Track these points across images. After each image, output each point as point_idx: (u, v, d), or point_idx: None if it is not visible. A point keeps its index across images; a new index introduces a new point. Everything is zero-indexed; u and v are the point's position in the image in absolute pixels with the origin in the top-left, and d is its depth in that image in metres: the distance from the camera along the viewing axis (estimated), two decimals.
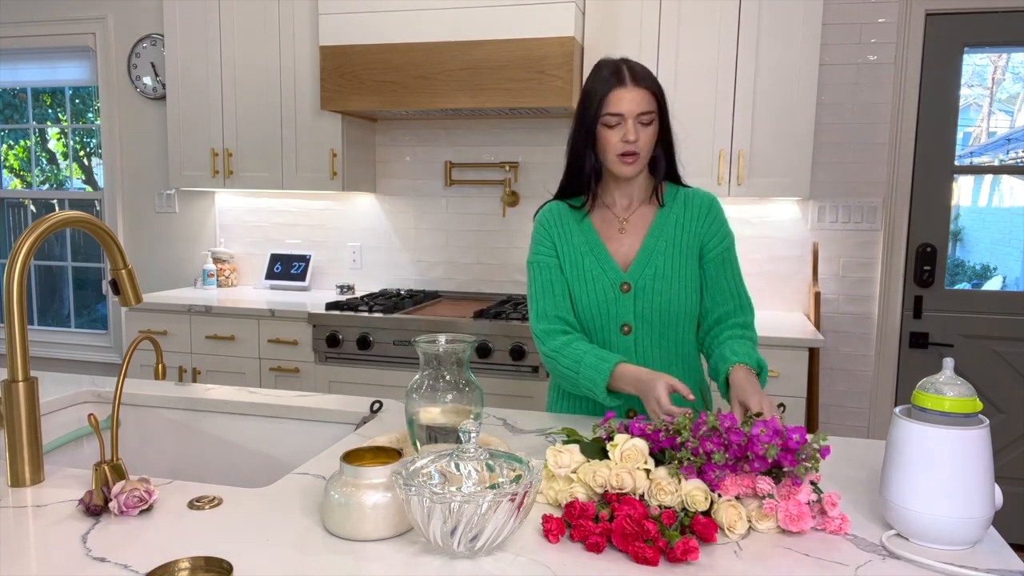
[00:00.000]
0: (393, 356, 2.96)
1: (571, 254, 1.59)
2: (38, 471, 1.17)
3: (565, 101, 2.82)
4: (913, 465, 0.98)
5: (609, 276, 1.56)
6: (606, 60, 1.54)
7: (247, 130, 3.36)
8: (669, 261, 1.55)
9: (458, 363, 1.23)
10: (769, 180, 2.87)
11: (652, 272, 1.54)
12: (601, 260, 1.57)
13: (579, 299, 1.58)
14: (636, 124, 1.48)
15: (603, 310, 1.56)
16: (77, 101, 4.13)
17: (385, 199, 3.62)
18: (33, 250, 1.15)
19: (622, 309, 1.55)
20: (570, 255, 1.60)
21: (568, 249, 1.60)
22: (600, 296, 1.56)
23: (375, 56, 2.99)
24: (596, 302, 1.56)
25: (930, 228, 3.10)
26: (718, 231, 1.58)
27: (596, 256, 1.57)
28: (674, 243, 1.56)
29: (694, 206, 1.58)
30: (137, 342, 1.20)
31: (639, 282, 1.54)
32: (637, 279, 1.55)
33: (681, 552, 0.92)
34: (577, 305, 1.59)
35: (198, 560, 0.90)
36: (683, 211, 1.58)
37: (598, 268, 1.57)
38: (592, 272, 1.57)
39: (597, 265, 1.57)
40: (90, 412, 1.32)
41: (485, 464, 0.97)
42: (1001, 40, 3.00)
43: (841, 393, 3.19)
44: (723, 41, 2.84)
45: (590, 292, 1.57)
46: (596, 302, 1.56)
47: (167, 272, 3.94)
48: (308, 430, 1.60)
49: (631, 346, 1.57)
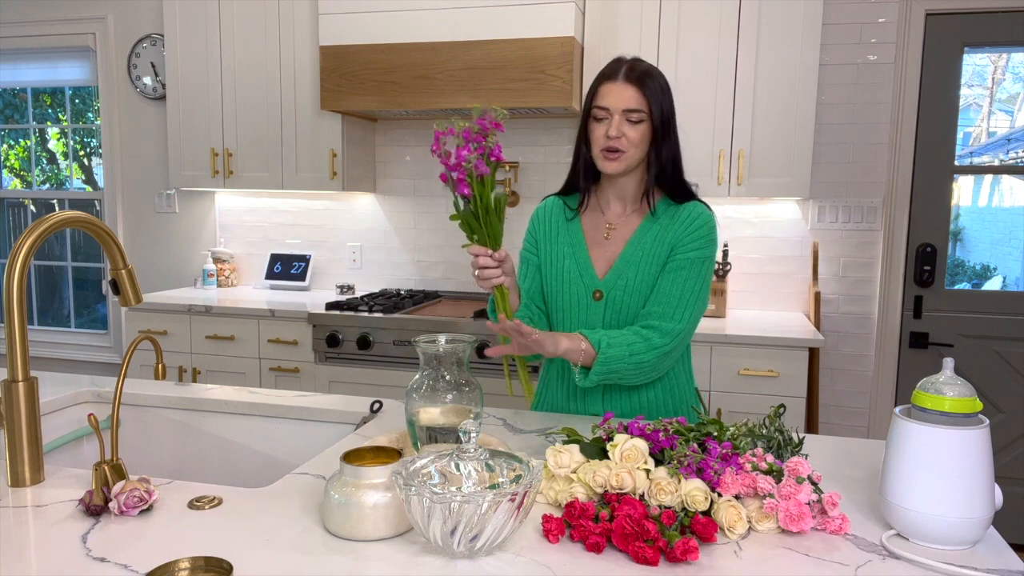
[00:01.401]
0: (393, 356, 2.96)
1: (553, 254, 1.59)
2: (38, 471, 1.17)
3: (565, 101, 2.82)
4: (913, 465, 0.98)
5: (585, 282, 1.55)
6: (617, 57, 1.52)
7: (247, 130, 3.36)
8: (641, 272, 1.51)
9: (458, 363, 1.23)
10: (769, 180, 2.87)
11: (624, 282, 1.52)
12: (581, 265, 1.56)
13: (553, 300, 1.58)
14: (622, 120, 1.45)
15: (575, 315, 1.56)
16: (77, 101, 4.13)
17: (385, 199, 3.62)
18: (33, 250, 1.14)
19: (592, 316, 1.54)
20: (552, 255, 1.59)
21: (552, 249, 1.60)
22: (573, 300, 1.56)
23: (375, 56, 2.99)
24: (569, 305, 1.56)
25: (930, 228, 3.10)
26: (694, 241, 1.49)
27: (577, 260, 1.57)
28: (650, 253, 1.51)
29: (681, 218, 1.51)
30: (137, 342, 1.20)
31: (611, 292, 1.53)
32: (610, 288, 1.53)
33: (681, 552, 0.92)
34: (552, 306, 1.59)
35: (198, 560, 0.90)
36: (669, 222, 1.52)
37: (576, 272, 1.56)
38: (570, 275, 1.56)
39: (576, 269, 1.56)
40: (90, 412, 1.32)
41: (485, 464, 0.97)
42: (1001, 40, 3.00)
43: (841, 393, 3.19)
44: (723, 41, 2.84)
45: (564, 295, 1.56)
46: (569, 305, 1.56)
47: (167, 272, 3.94)
48: (308, 430, 1.60)
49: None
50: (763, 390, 2.70)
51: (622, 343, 1.42)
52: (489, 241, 1.39)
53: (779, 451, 1.17)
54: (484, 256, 1.38)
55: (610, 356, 1.41)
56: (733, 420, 1.58)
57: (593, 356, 1.41)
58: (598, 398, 1.58)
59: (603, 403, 1.58)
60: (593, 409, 1.59)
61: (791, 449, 1.18)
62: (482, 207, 1.35)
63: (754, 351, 2.69)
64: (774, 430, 1.19)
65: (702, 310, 1.51)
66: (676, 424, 1.19)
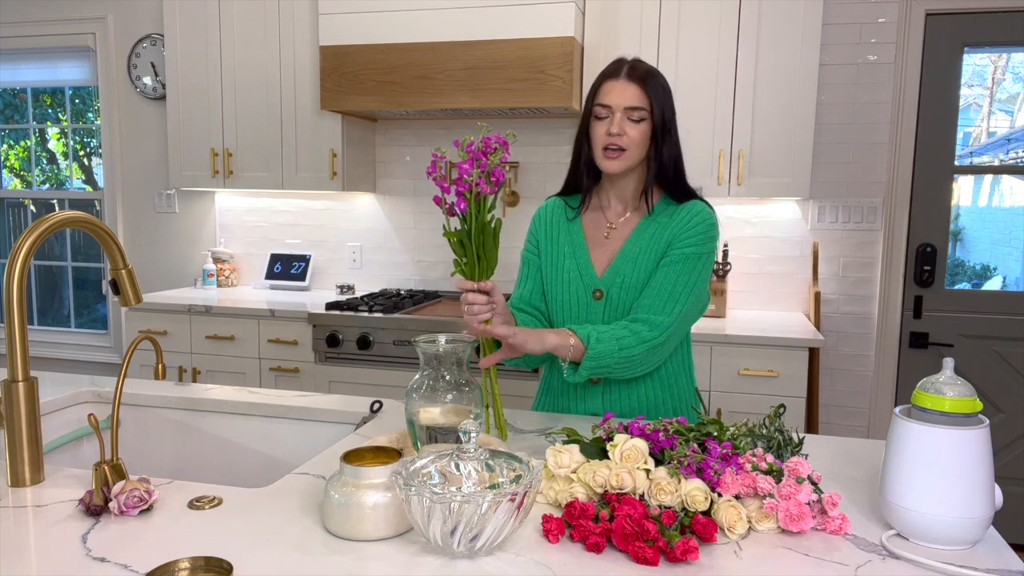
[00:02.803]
0: (393, 356, 2.96)
1: (554, 255, 1.60)
2: (38, 471, 1.17)
3: (565, 101, 2.82)
4: (913, 465, 0.98)
5: (584, 281, 1.55)
6: (618, 58, 1.53)
7: (247, 130, 3.36)
8: (638, 269, 1.51)
9: (458, 363, 1.23)
10: (769, 180, 2.87)
11: (621, 280, 1.52)
12: (580, 264, 1.56)
13: (554, 300, 1.59)
14: (623, 118, 1.46)
15: (575, 314, 1.56)
16: (77, 101, 4.13)
17: (385, 199, 3.62)
18: (33, 250, 1.14)
19: (593, 315, 1.55)
20: (553, 255, 1.60)
21: (553, 249, 1.60)
22: (573, 299, 1.56)
23: (375, 56, 2.99)
24: (569, 305, 1.57)
25: (930, 228, 3.10)
26: (691, 237, 1.49)
27: (577, 260, 1.57)
28: (647, 249, 1.51)
29: (680, 216, 1.51)
30: (137, 342, 1.20)
31: (610, 290, 1.53)
32: (609, 287, 1.53)
33: (681, 552, 0.92)
34: (553, 306, 1.59)
35: (198, 560, 0.90)
36: (668, 220, 1.52)
37: (576, 272, 1.56)
38: (570, 275, 1.57)
39: (576, 269, 1.56)
40: (90, 412, 1.32)
41: (485, 464, 0.97)
42: (1001, 40, 3.00)
43: (841, 393, 3.19)
44: (723, 41, 2.84)
45: (565, 294, 1.57)
46: (569, 305, 1.57)
47: (167, 272, 3.94)
48: (308, 430, 1.60)
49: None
50: (763, 390, 2.70)
51: (611, 337, 1.42)
52: (480, 266, 1.33)
53: (779, 451, 1.17)
54: (472, 292, 1.34)
55: (599, 351, 1.41)
56: (733, 420, 1.58)
57: (582, 351, 1.41)
58: (598, 397, 1.58)
59: (603, 402, 1.58)
60: (593, 408, 1.59)
61: (791, 449, 1.18)
62: (477, 226, 1.30)
63: (754, 351, 2.69)
64: (774, 430, 1.19)
65: (696, 306, 1.51)
66: (676, 424, 1.19)
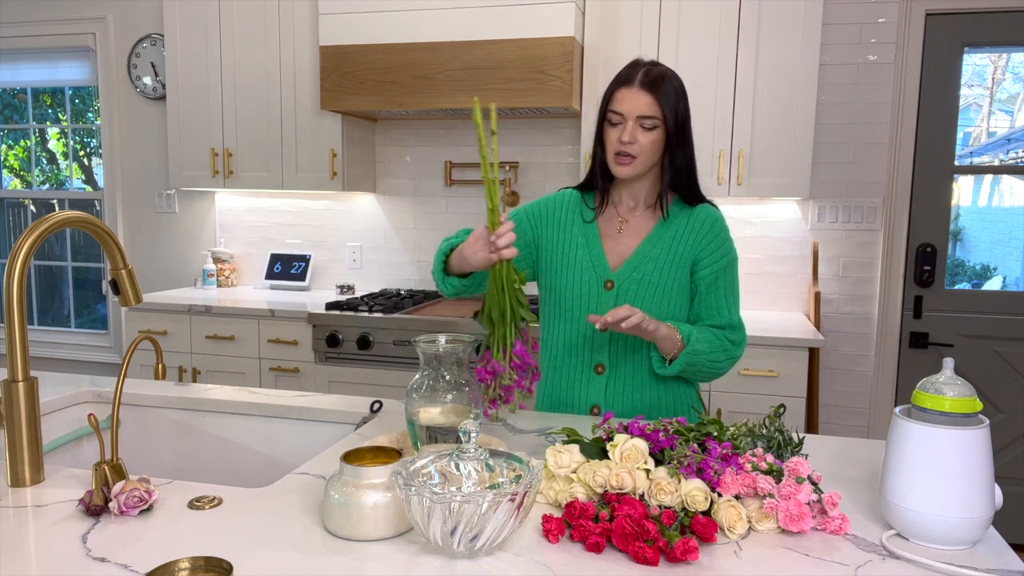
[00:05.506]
0: (393, 356, 2.96)
1: (566, 243, 1.61)
2: (38, 471, 1.17)
3: (565, 101, 2.82)
4: (913, 465, 0.98)
5: (597, 271, 1.57)
6: (635, 60, 1.54)
7: (247, 130, 3.36)
8: (660, 269, 1.55)
9: (458, 363, 1.23)
10: (769, 180, 2.87)
11: (639, 276, 1.55)
12: (593, 255, 1.58)
13: (564, 288, 1.59)
14: (635, 126, 1.48)
15: (584, 303, 1.58)
16: (77, 101, 4.13)
17: (385, 199, 3.62)
18: (33, 250, 1.14)
19: (602, 306, 1.56)
20: (564, 243, 1.61)
21: (564, 238, 1.61)
22: (583, 289, 1.57)
23: (375, 56, 2.99)
24: (579, 294, 1.58)
25: (930, 228, 3.10)
26: (717, 248, 1.57)
27: (590, 249, 1.59)
28: (669, 252, 1.56)
29: (697, 220, 1.58)
30: (137, 342, 1.20)
31: (624, 284, 1.56)
32: (623, 280, 1.56)
33: (681, 552, 0.92)
34: (561, 294, 1.60)
35: (198, 560, 0.90)
36: (685, 223, 1.58)
37: (588, 262, 1.58)
38: (582, 264, 1.58)
39: (588, 258, 1.58)
40: (90, 412, 1.32)
41: (485, 464, 0.97)
42: (1001, 40, 3.00)
43: (841, 393, 3.19)
44: (723, 41, 2.84)
45: (575, 283, 1.58)
46: (579, 294, 1.58)
47: (167, 272, 3.94)
48: (308, 430, 1.60)
49: (606, 344, 1.58)
50: (763, 390, 2.70)
51: (707, 339, 1.52)
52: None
53: (779, 451, 1.17)
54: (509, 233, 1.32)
55: (696, 350, 1.50)
56: (733, 420, 1.58)
57: (680, 348, 1.49)
58: (601, 391, 1.59)
59: (605, 397, 1.58)
60: (595, 399, 1.59)
61: (791, 449, 1.18)
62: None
63: (754, 351, 2.69)
64: (774, 430, 1.19)
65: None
66: (676, 424, 1.19)
